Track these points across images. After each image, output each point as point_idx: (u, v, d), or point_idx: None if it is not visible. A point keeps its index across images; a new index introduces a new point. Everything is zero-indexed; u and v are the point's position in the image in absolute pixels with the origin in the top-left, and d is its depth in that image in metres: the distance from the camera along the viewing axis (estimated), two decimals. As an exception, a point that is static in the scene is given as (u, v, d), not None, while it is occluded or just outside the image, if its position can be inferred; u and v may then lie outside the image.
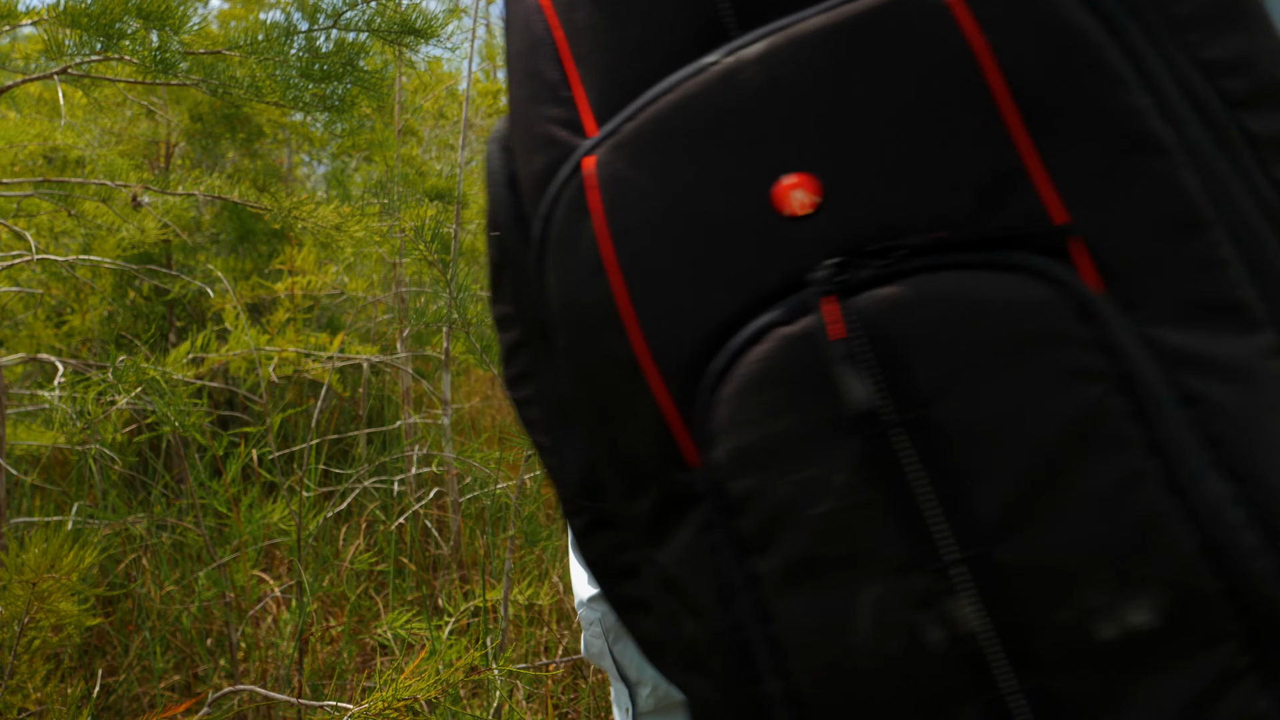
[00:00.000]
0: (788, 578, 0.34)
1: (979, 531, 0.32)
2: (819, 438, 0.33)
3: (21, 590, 1.21)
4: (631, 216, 0.37)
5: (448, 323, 1.50)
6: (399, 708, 1.14)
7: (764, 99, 0.34)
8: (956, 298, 0.32)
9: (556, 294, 0.40)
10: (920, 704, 0.33)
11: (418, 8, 1.57)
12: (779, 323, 0.34)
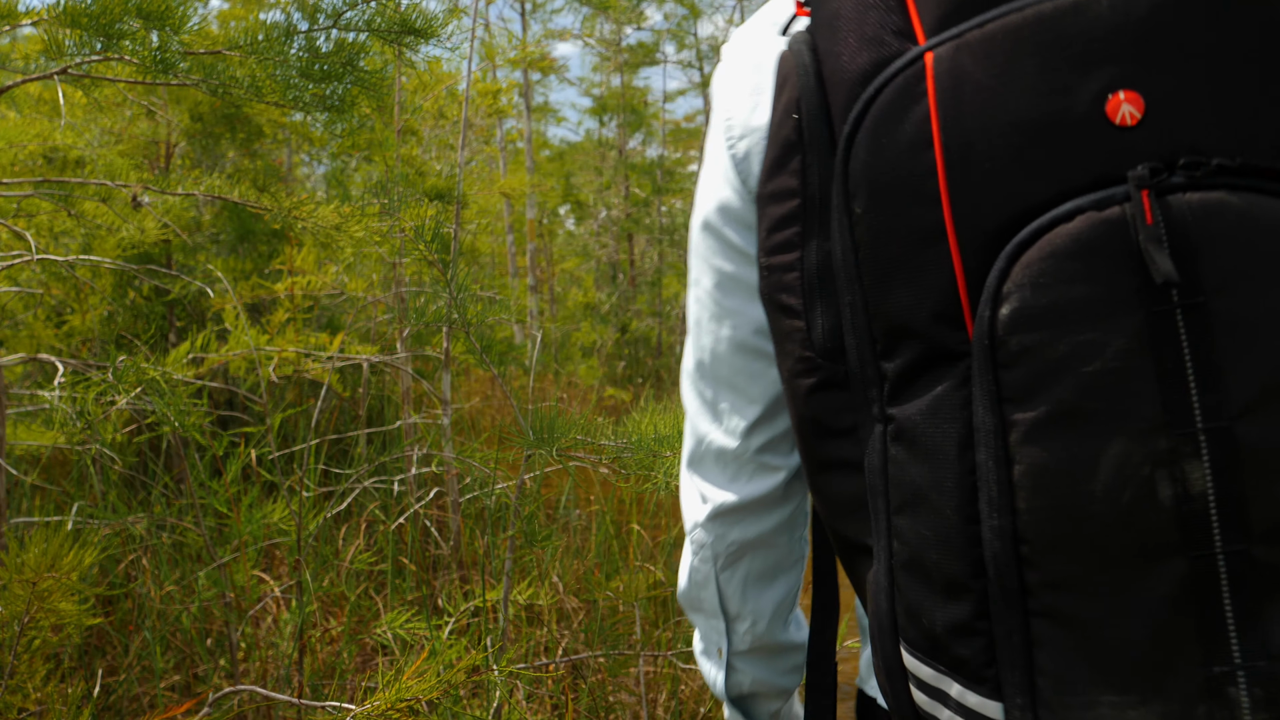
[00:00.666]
0: (1043, 426, 0.40)
1: (1227, 409, 0.38)
2: (1108, 306, 0.39)
3: (21, 590, 1.21)
4: (966, 105, 0.42)
5: (447, 323, 1.49)
6: (400, 708, 1.14)
7: (1111, 27, 0.40)
8: (1248, 213, 0.38)
9: (864, 166, 0.45)
10: (1137, 550, 0.38)
11: (417, 8, 1.57)
12: (1090, 207, 0.40)
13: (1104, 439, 0.39)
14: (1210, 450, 0.38)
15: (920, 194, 0.43)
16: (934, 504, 0.44)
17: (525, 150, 9.01)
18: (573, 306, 9.65)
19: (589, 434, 1.41)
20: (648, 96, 12.42)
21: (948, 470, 0.43)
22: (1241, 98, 0.40)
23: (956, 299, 0.43)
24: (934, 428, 0.44)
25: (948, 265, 0.43)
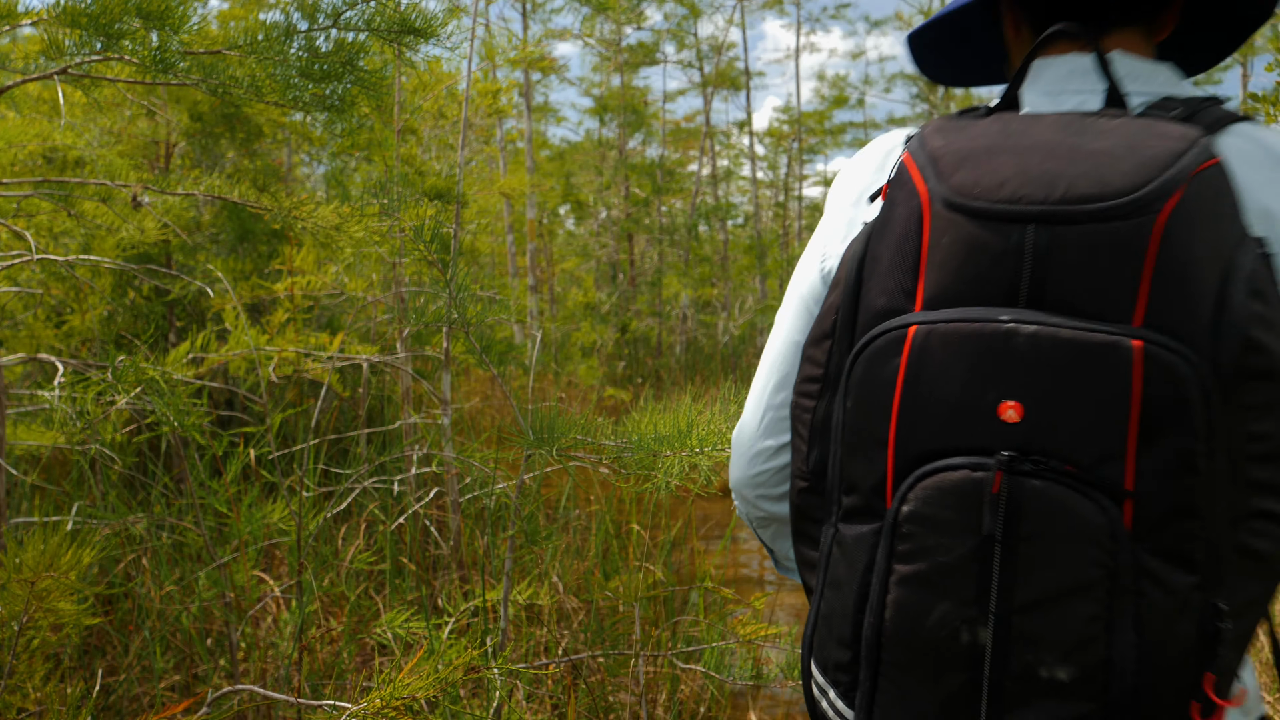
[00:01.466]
0: (909, 579, 0.68)
1: (1010, 604, 0.65)
2: (960, 529, 0.66)
3: (20, 589, 1.21)
4: (921, 372, 0.68)
5: (447, 323, 1.49)
6: (398, 706, 1.14)
7: (1022, 356, 0.64)
8: (1060, 501, 0.64)
9: (858, 380, 0.72)
10: (941, 663, 0.67)
11: (417, 7, 1.57)
12: (967, 467, 0.66)
13: (940, 599, 0.67)
14: (995, 624, 0.65)
15: (882, 414, 0.70)
16: (844, 592, 0.74)
17: (525, 150, 9.01)
18: (573, 306, 9.65)
19: (589, 434, 1.41)
20: (648, 96, 12.42)
21: (855, 579, 0.73)
22: (1080, 427, 0.64)
23: (884, 485, 0.71)
24: (856, 550, 0.73)
25: (884, 464, 0.70)
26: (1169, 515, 0.63)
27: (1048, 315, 0.65)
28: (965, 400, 0.66)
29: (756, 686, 2.57)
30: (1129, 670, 0.63)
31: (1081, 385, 0.63)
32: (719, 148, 13.93)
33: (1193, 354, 0.63)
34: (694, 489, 2.92)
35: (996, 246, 0.67)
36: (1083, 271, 0.64)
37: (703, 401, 1.47)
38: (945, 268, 0.69)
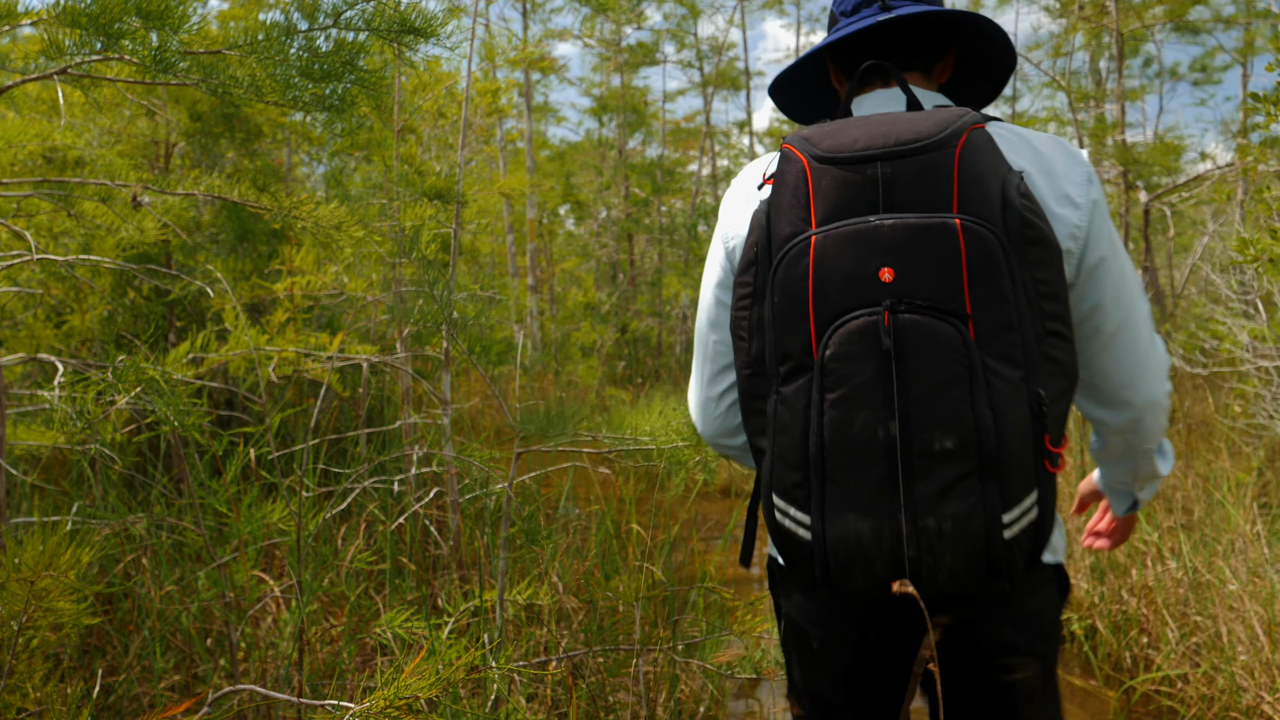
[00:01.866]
0: (836, 403, 0.99)
1: (906, 401, 0.97)
2: (865, 358, 0.98)
3: (19, 589, 1.21)
4: (824, 264, 1.01)
5: (447, 323, 1.49)
6: (400, 706, 1.14)
7: (887, 239, 0.99)
8: (927, 326, 0.98)
9: (781, 281, 1.04)
10: (868, 458, 0.98)
11: (416, 7, 1.57)
12: (864, 314, 0.99)
13: (859, 409, 0.98)
14: (899, 418, 0.97)
15: (800, 299, 1.02)
16: (791, 432, 1.04)
17: (525, 150, 9.01)
18: (573, 306, 9.65)
19: (583, 427, 1.41)
20: (648, 96, 12.42)
21: (798, 419, 1.03)
22: (934, 278, 0.98)
23: (810, 345, 1.02)
24: (795, 399, 1.04)
25: (808, 331, 1.02)
26: (996, 330, 1.00)
27: (899, 214, 1.01)
28: (855, 274, 1.01)
29: (756, 684, 2.57)
30: (990, 435, 0.97)
31: (928, 251, 0.99)
32: (719, 148, 13.92)
33: (992, 227, 1.00)
34: (695, 485, 2.94)
35: (857, 179, 1.03)
36: (915, 184, 1.01)
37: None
38: (827, 199, 1.04)
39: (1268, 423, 4.22)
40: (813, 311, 1.01)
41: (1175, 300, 8.53)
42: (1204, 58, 10.44)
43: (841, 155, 1.04)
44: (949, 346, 0.98)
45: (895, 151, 1.02)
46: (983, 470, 0.97)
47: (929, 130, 1.03)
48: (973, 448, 0.97)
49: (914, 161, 1.02)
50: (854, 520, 0.99)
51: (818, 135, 1.08)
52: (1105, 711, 2.58)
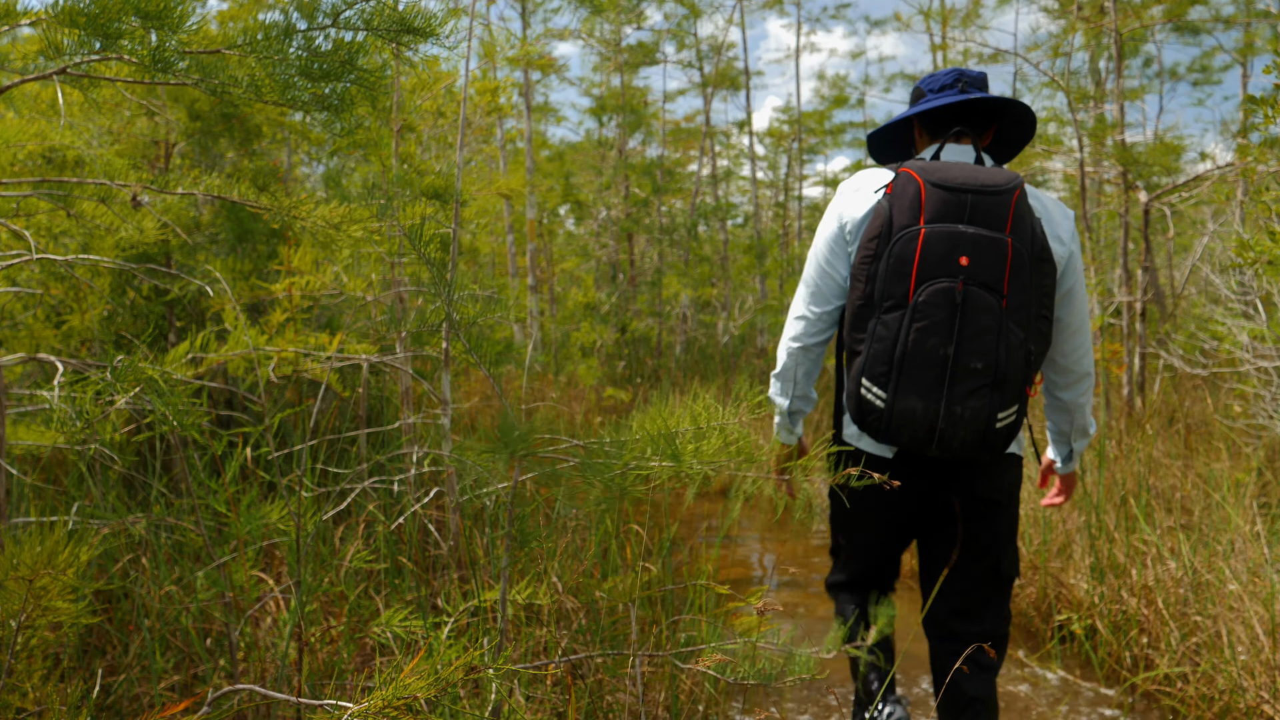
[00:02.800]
0: (921, 330, 1.68)
1: (962, 335, 1.67)
2: (944, 307, 1.68)
3: (18, 588, 1.21)
4: (927, 245, 1.70)
5: (447, 323, 1.48)
6: (399, 706, 1.14)
7: (968, 240, 1.69)
8: (981, 296, 1.68)
9: (897, 251, 1.72)
10: (932, 363, 1.68)
11: (416, 7, 1.57)
12: (948, 282, 1.69)
13: (932, 336, 1.67)
14: (955, 346, 1.67)
15: (908, 263, 1.70)
16: (885, 341, 1.71)
17: (525, 150, 9.01)
18: (573, 306, 9.64)
19: (561, 434, 1.40)
20: (647, 96, 12.41)
21: (891, 333, 1.70)
22: (989, 268, 1.67)
23: (908, 292, 1.70)
24: (892, 323, 1.71)
25: (908, 284, 1.70)
26: (1016, 306, 1.68)
27: (977, 227, 1.68)
28: (946, 256, 1.67)
29: (756, 685, 2.57)
30: (1003, 365, 1.66)
31: (989, 252, 1.66)
32: (719, 148, 13.91)
33: (1025, 246, 1.68)
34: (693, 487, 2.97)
35: (954, 200, 1.69)
36: (987, 211, 1.68)
37: (701, 402, 1.47)
38: (933, 207, 1.70)
39: (1267, 423, 4.21)
40: (915, 273, 1.69)
41: (1175, 300, 8.52)
42: (1203, 58, 10.44)
43: (946, 184, 1.71)
44: (990, 310, 1.67)
45: (979, 189, 1.70)
46: (993, 385, 1.68)
47: (1000, 182, 1.70)
48: (991, 370, 1.67)
49: (988, 199, 1.69)
50: (914, 400, 1.69)
51: (929, 169, 1.74)
52: (1106, 711, 2.58)
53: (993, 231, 1.67)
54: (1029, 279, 1.69)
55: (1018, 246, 1.67)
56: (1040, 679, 2.79)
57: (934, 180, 1.70)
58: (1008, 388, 1.68)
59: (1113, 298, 5.57)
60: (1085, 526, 3.16)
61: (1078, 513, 3.35)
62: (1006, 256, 1.67)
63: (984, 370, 1.66)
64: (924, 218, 1.70)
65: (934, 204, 1.70)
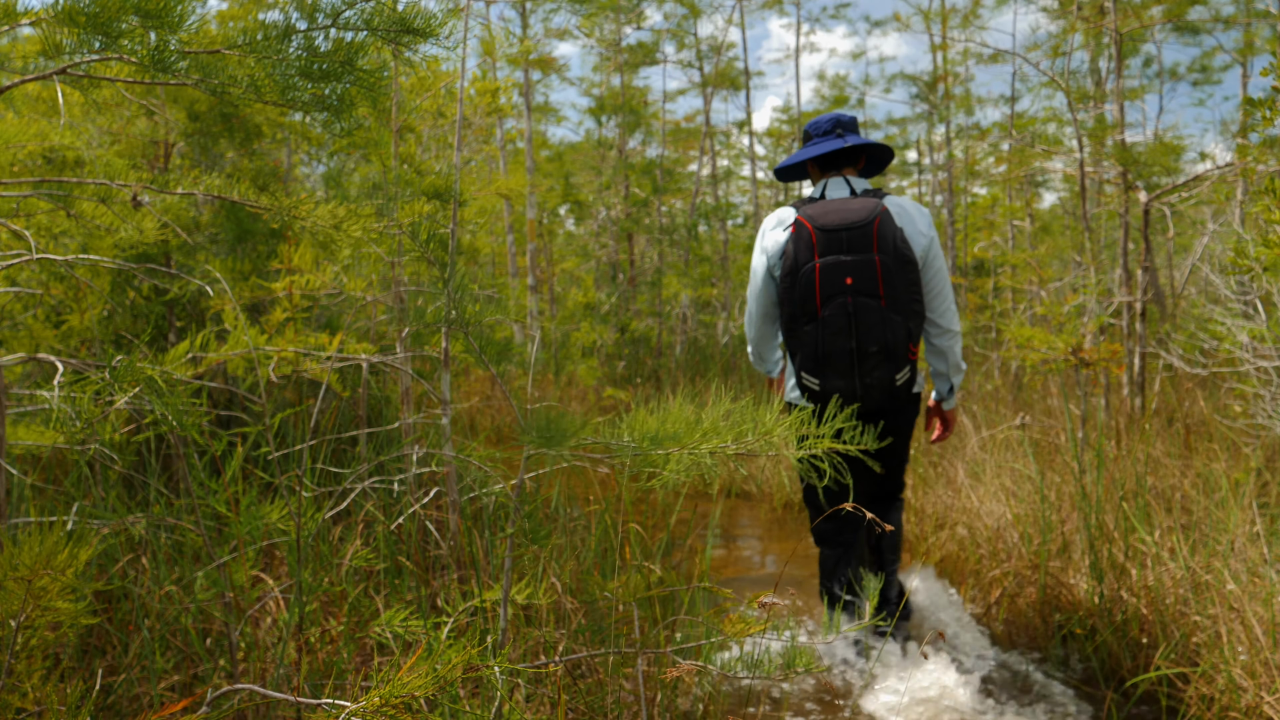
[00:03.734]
0: (829, 335, 2.56)
1: (857, 333, 2.55)
2: (840, 315, 2.55)
3: (17, 588, 1.21)
4: (823, 274, 2.57)
5: (446, 323, 1.49)
6: (397, 705, 1.14)
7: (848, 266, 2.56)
8: (867, 302, 2.55)
9: (803, 282, 2.57)
10: (841, 357, 2.56)
11: (416, 7, 1.57)
12: (841, 299, 2.56)
13: (839, 336, 2.55)
14: (856, 339, 2.54)
15: (812, 289, 2.56)
16: (809, 345, 2.60)
17: (525, 150, 9.00)
18: (573, 306, 9.64)
19: (591, 434, 1.41)
20: (647, 96, 12.40)
21: (811, 339, 2.59)
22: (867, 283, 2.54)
23: (816, 310, 2.57)
24: (812, 332, 2.59)
25: (815, 304, 2.57)
26: (892, 301, 2.53)
27: (853, 254, 2.52)
28: (835, 280, 2.53)
29: (755, 684, 2.57)
30: (890, 344, 2.53)
31: (865, 271, 2.51)
32: (719, 148, 13.91)
33: (889, 259, 2.52)
34: (699, 485, 2.96)
35: (835, 239, 2.53)
36: (857, 241, 2.52)
37: (698, 402, 1.47)
38: (822, 247, 2.54)
39: (1267, 423, 4.21)
40: (819, 296, 2.54)
41: (1175, 300, 8.52)
42: (1203, 58, 10.45)
43: (828, 228, 2.54)
44: (874, 310, 2.51)
45: (850, 226, 2.52)
46: (887, 359, 2.53)
47: (863, 217, 2.53)
48: (883, 350, 2.52)
49: (858, 232, 2.52)
50: (837, 380, 2.57)
51: (816, 215, 2.56)
52: (1106, 711, 2.58)
53: (865, 254, 2.52)
54: (896, 280, 2.53)
55: (884, 261, 2.52)
56: (1040, 679, 2.79)
57: (820, 225, 2.55)
58: (897, 358, 2.56)
59: (1113, 298, 5.57)
60: (1085, 526, 3.16)
61: (1078, 513, 3.35)
62: (877, 271, 2.52)
63: (878, 351, 2.54)
64: (817, 254, 2.54)
65: (822, 244, 2.54)
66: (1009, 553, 3.39)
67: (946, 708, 2.52)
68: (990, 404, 6.10)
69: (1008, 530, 3.46)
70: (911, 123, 13.92)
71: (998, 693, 2.67)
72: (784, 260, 2.60)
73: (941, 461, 4.71)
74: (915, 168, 14.67)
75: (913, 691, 2.60)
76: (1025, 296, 8.82)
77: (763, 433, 1.46)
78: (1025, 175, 9.79)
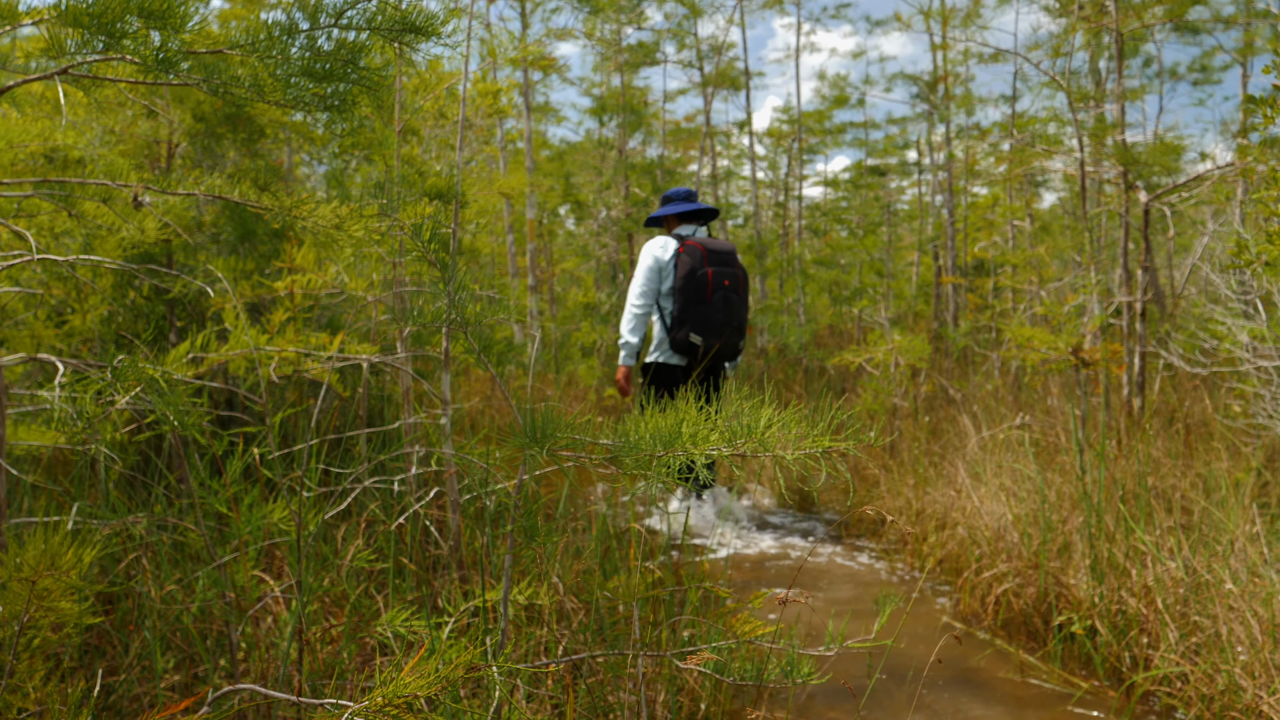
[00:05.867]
0: (713, 312, 4.55)
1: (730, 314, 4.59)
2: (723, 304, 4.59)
3: (21, 588, 1.21)
4: (713, 277, 4.55)
5: (447, 323, 1.49)
6: (399, 705, 1.14)
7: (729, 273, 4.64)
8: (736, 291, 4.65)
9: (697, 282, 4.53)
10: (718, 325, 4.54)
11: (418, 6, 1.57)
12: (723, 293, 4.60)
13: (719, 314, 4.54)
14: (726, 317, 4.55)
15: (704, 287, 4.50)
16: (699, 319, 4.53)
17: (525, 150, 9.01)
18: (573, 306, 9.63)
19: (585, 434, 1.41)
20: (648, 96, 12.40)
21: (702, 315, 4.53)
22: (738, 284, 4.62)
23: (706, 298, 4.50)
24: (701, 312, 4.52)
25: (705, 295, 4.51)
26: (744, 297, 4.64)
27: (729, 268, 4.56)
28: (720, 282, 4.49)
29: (757, 685, 2.57)
30: (741, 321, 4.59)
31: (735, 278, 4.56)
32: (719, 148, 13.91)
33: (742, 274, 4.62)
34: (691, 489, 2.95)
35: (719, 257, 4.56)
36: (730, 261, 4.60)
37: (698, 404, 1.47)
38: (712, 261, 4.53)
39: (1267, 423, 4.22)
40: (710, 290, 4.45)
41: (1175, 300, 8.53)
42: (1203, 58, 10.45)
43: (713, 250, 4.53)
44: (737, 302, 4.54)
45: (725, 252, 4.58)
46: (739, 331, 4.57)
47: (730, 248, 4.60)
48: (739, 325, 4.56)
49: (730, 255, 4.59)
50: (713, 339, 4.46)
51: (704, 243, 4.54)
52: (1106, 711, 2.58)
53: (733, 269, 4.52)
54: (744, 287, 4.58)
55: (742, 275, 4.55)
56: (1040, 679, 2.79)
57: (708, 248, 4.49)
58: (742, 331, 4.54)
59: (1113, 298, 5.57)
60: (1085, 526, 3.16)
61: (1078, 513, 3.36)
62: (740, 279, 4.53)
63: (737, 326, 4.50)
64: (708, 265, 4.45)
65: (712, 259, 4.47)
66: (1009, 553, 3.39)
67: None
68: (990, 404, 6.10)
69: (1008, 530, 3.46)
70: (911, 122, 13.92)
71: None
72: (679, 267, 4.48)
73: (942, 461, 4.72)
74: (915, 168, 14.67)
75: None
76: (1025, 296, 8.82)
77: (756, 436, 1.46)
78: (1025, 175, 9.79)
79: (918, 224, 15.88)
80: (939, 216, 13.69)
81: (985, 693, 2.70)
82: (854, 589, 3.68)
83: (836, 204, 16.15)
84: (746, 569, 3.94)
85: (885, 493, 4.65)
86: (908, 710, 2.56)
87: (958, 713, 2.56)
